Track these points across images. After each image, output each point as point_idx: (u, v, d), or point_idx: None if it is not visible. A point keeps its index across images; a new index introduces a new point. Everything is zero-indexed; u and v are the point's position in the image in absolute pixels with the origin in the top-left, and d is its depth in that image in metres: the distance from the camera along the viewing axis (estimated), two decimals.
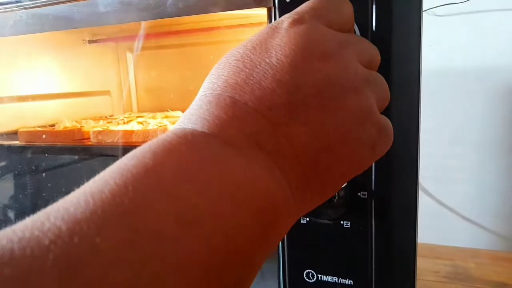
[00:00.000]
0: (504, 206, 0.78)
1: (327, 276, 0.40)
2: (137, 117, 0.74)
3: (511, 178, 0.77)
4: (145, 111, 0.88)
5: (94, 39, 0.81)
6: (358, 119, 0.26)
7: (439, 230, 0.80)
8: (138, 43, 0.83)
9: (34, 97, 0.74)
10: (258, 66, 0.24)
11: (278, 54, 0.24)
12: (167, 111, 0.79)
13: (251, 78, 0.24)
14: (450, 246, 0.74)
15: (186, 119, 0.24)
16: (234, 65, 0.25)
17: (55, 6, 0.45)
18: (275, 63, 0.24)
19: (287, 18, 0.27)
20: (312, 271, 0.41)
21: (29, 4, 0.43)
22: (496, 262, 0.67)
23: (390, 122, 0.30)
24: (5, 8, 0.44)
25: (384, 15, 0.35)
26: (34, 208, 0.66)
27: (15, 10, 0.45)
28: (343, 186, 0.37)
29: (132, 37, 0.83)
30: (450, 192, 0.81)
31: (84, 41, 0.81)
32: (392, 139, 0.31)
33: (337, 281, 0.40)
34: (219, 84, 0.25)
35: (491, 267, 0.66)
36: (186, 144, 0.21)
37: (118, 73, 0.90)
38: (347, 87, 0.25)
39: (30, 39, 0.71)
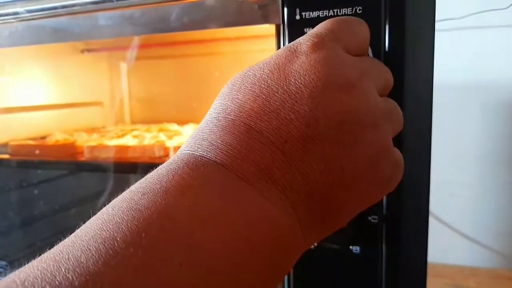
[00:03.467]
0: (504, 223, 0.77)
1: None
2: (132, 130, 0.72)
3: (510, 194, 0.77)
4: (138, 122, 0.87)
5: (87, 48, 0.79)
6: (375, 157, 0.25)
7: (437, 246, 0.79)
8: (131, 54, 0.81)
9: (23, 108, 0.71)
10: (276, 94, 0.23)
11: (297, 83, 0.23)
12: (162, 123, 0.78)
13: (268, 106, 0.23)
14: (450, 265, 0.73)
15: (197, 144, 0.23)
16: (250, 89, 0.24)
17: (53, 18, 0.43)
18: (294, 93, 0.23)
19: (306, 40, 0.26)
20: None
21: (27, 16, 0.41)
22: (496, 280, 0.67)
23: (401, 154, 0.29)
24: (2, 20, 0.42)
25: (397, 35, 0.34)
26: (23, 224, 0.64)
27: (12, 22, 0.43)
28: None
29: (126, 47, 0.82)
30: (449, 208, 0.80)
31: (77, 50, 0.79)
32: (403, 172, 0.30)
33: None
34: (233, 108, 0.23)
35: (492, 286, 0.65)
36: (199, 180, 0.20)
37: (111, 83, 0.88)
38: (367, 122, 0.24)
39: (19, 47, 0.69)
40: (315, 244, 0.38)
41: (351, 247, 0.37)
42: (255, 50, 0.69)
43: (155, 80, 0.87)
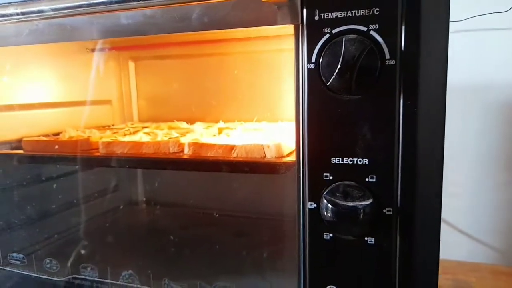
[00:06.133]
0: (500, 221, 0.79)
1: None
2: (143, 127, 0.73)
3: (506, 193, 0.79)
4: (146, 121, 0.88)
5: (96, 47, 0.80)
6: None
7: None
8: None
9: (34, 106, 0.72)
10: None
11: None
12: (170, 121, 0.79)
13: None
14: (451, 260, 0.75)
15: None
16: None
17: (75, 17, 0.44)
18: None
19: None
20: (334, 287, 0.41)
21: (51, 14, 0.42)
22: (496, 276, 0.68)
23: None
24: (26, 18, 0.43)
25: (413, 35, 0.36)
26: (39, 218, 0.65)
27: (35, 19, 0.44)
28: (368, 203, 0.37)
29: (135, 46, 0.83)
30: (447, 206, 0.82)
31: (87, 50, 0.80)
32: None
33: None
34: None
35: (492, 282, 0.67)
36: None
37: (119, 82, 0.89)
38: None
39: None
40: (331, 235, 0.40)
41: (366, 238, 0.39)
42: (271, 50, 0.70)
43: (165, 79, 0.87)
